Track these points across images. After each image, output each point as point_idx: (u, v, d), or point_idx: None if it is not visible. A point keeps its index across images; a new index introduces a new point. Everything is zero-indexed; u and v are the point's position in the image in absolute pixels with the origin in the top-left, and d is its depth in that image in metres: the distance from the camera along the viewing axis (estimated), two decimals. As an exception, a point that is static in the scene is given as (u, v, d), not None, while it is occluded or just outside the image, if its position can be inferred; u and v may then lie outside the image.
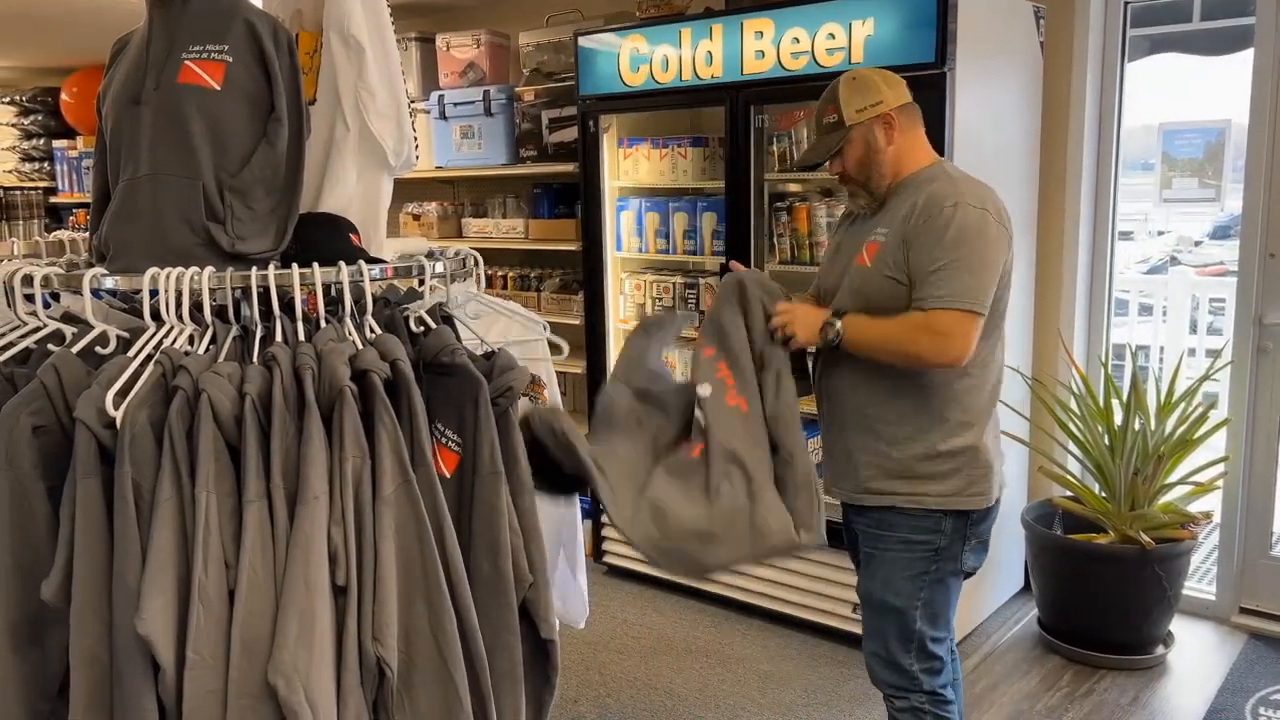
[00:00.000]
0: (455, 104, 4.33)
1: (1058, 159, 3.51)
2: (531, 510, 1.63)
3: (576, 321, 4.07)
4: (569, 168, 4.00)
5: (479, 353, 1.67)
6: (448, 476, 1.57)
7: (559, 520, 2.16)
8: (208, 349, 1.53)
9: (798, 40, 3.16)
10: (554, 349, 2.08)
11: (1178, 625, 3.38)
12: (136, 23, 1.79)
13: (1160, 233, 8.98)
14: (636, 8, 3.71)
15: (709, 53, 3.37)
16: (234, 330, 1.58)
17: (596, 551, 4.01)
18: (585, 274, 3.92)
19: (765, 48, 3.24)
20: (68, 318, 1.64)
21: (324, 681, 1.38)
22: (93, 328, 1.53)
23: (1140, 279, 6.99)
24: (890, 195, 2.10)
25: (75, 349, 1.50)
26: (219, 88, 1.68)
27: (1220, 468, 3.31)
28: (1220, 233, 8.64)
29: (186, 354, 1.49)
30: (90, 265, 1.69)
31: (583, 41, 3.69)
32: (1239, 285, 3.38)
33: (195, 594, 1.35)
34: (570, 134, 4.01)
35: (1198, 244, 8.94)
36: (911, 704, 2.17)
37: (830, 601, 3.40)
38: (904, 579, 2.11)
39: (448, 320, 1.76)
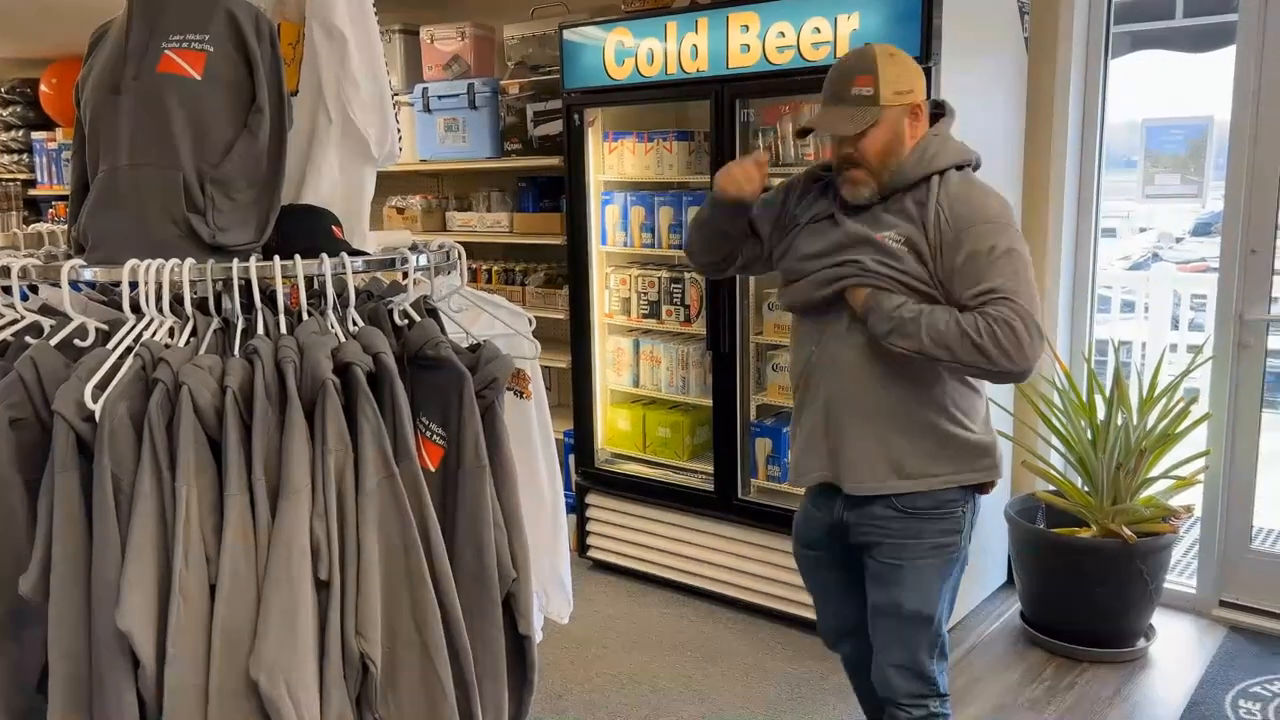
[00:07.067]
0: (439, 97, 4.30)
1: (1042, 154, 3.52)
2: (515, 505, 1.63)
3: (561, 316, 4.06)
4: (554, 161, 3.99)
5: (464, 345, 1.66)
6: (433, 470, 1.56)
7: (543, 514, 2.15)
8: (188, 342, 1.51)
9: (783, 34, 3.16)
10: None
11: (1159, 618, 3.40)
12: (116, 11, 1.77)
13: (1142, 229, 9.04)
14: (622, 1, 3.70)
15: (694, 46, 3.36)
16: (215, 323, 1.56)
17: (581, 546, 4.01)
18: (570, 268, 3.91)
19: (751, 41, 3.23)
20: (45, 310, 1.61)
21: (306, 676, 1.37)
22: (71, 320, 1.51)
23: (1123, 275, 7.04)
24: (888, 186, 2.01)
25: (53, 341, 1.48)
26: (200, 78, 1.66)
27: (1201, 462, 3.33)
28: (1201, 229, 8.70)
29: (167, 346, 1.47)
30: (69, 257, 1.67)
31: (568, 35, 3.67)
32: (1220, 281, 3.40)
33: (176, 588, 1.33)
34: (555, 127, 3.99)
35: (1179, 240, 9.01)
36: (930, 710, 2.11)
37: (814, 596, 3.40)
38: (936, 586, 2.07)
39: (432, 313, 1.75)
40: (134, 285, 1.53)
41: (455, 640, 1.51)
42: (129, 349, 1.45)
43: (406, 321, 1.67)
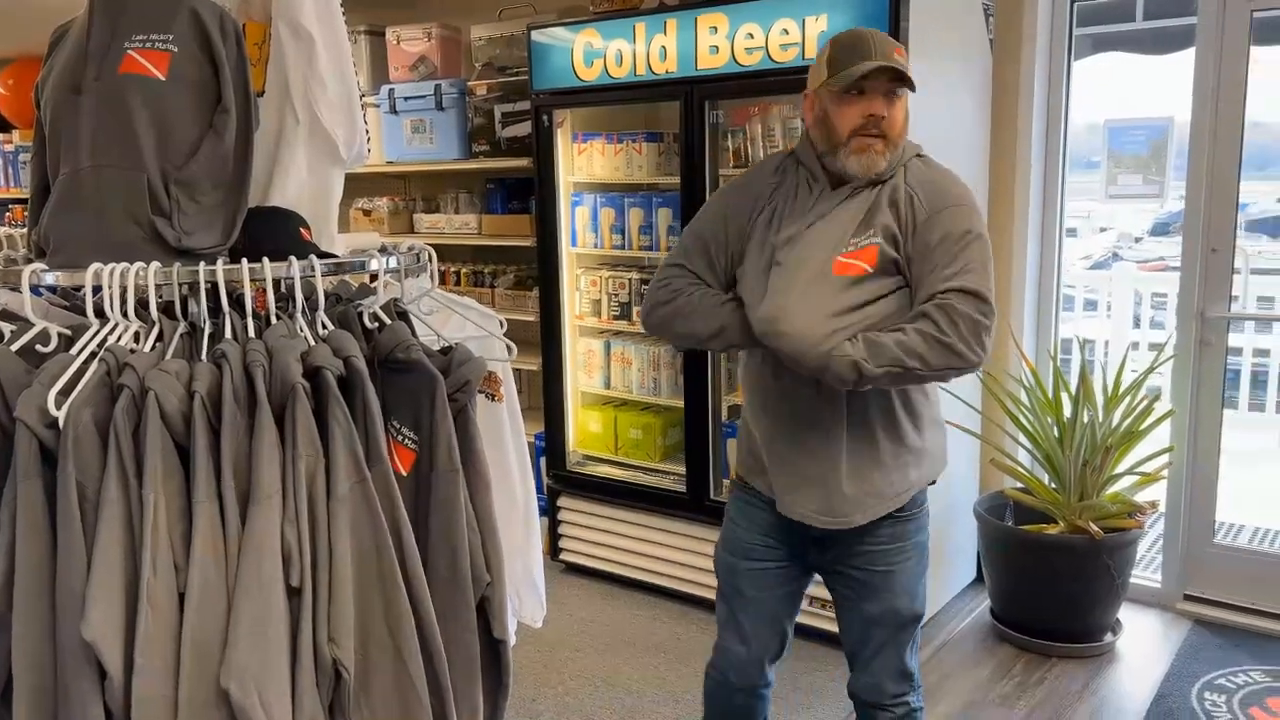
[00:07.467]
0: (406, 98, 4.27)
1: (1007, 154, 3.56)
2: (489, 508, 1.61)
3: (531, 318, 4.05)
4: (523, 163, 3.97)
5: (436, 348, 1.65)
6: (405, 474, 1.54)
7: (516, 517, 2.14)
8: (154, 346, 1.49)
9: (752, 36, 3.17)
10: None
11: (1125, 613, 3.45)
12: (76, 10, 1.74)
13: (1102, 229, 9.18)
14: (590, 2, 3.69)
15: (663, 48, 3.36)
16: (181, 327, 1.53)
17: (553, 549, 3.99)
18: (540, 270, 3.89)
19: (719, 43, 3.24)
20: (6, 315, 1.58)
21: (279, 684, 1.35)
22: (32, 325, 1.47)
23: (1085, 274, 7.15)
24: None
25: (14, 347, 1.44)
26: (163, 78, 1.63)
27: (1165, 458, 3.38)
28: (1160, 229, 8.86)
29: (132, 352, 1.44)
30: (29, 261, 1.64)
31: (535, 36, 3.66)
32: (1182, 280, 3.45)
33: (143, 597, 1.31)
34: (524, 129, 3.98)
35: (1138, 240, 9.16)
36: (910, 705, 2.11)
37: (787, 595, 3.41)
38: (921, 583, 2.09)
39: (403, 316, 1.73)
40: (97, 289, 1.51)
41: (429, 645, 1.49)
42: (93, 354, 1.42)
43: (377, 324, 1.65)
